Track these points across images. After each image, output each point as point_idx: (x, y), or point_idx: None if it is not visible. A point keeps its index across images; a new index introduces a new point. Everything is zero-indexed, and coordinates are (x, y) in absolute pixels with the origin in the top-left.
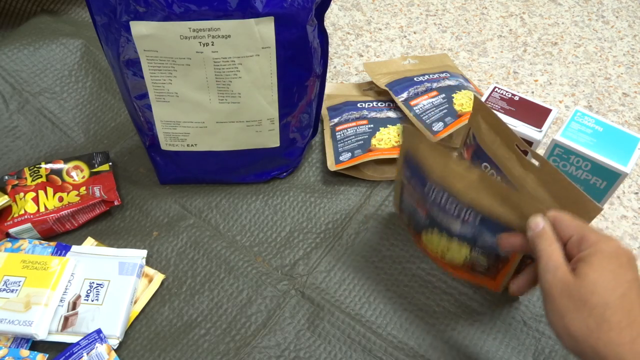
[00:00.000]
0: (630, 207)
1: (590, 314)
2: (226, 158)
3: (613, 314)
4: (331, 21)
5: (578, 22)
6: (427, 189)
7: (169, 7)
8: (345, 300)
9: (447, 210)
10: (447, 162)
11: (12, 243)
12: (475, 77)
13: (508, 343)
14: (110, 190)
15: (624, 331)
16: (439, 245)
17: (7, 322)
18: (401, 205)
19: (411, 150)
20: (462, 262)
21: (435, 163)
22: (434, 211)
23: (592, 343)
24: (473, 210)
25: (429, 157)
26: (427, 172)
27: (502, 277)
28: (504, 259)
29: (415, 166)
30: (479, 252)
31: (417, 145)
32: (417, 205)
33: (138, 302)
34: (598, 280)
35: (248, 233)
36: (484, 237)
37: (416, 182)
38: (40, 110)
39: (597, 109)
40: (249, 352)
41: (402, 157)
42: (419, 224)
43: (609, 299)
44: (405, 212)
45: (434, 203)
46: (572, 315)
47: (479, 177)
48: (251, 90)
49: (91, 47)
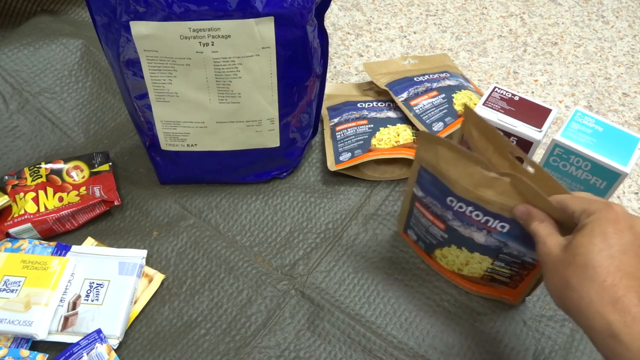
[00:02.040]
0: (630, 207)
1: (574, 274)
2: (226, 158)
3: (595, 274)
4: (331, 21)
5: (578, 22)
6: (450, 201)
7: (169, 7)
8: (345, 300)
9: (471, 222)
10: (474, 171)
11: (12, 243)
12: (475, 77)
13: (508, 343)
14: (110, 190)
15: (606, 291)
16: (457, 260)
17: (7, 322)
18: (409, 223)
19: (428, 161)
20: (482, 275)
21: (459, 173)
22: (455, 224)
23: (576, 302)
24: (502, 218)
25: (452, 167)
26: (450, 183)
27: (525, 285)
28: (529, 266)
29: (434, 178)
30: (502, 263)
31: (437, 155)
32: (434, 220)
33: (138, 302)
34: (584, 242)
35: (248, 233)
36: (510, 246)
37: (434, 196)
38: (40, 110)
39: (597, 109)
40: (249, 352)
41: (415, 175)
42: (433, 241)
43: (593, 260)
44: (414, 231)
45: (456, 215)
46: (558, 277)
47: (511, 183)
48: (251, 90)
49: (91, 47)
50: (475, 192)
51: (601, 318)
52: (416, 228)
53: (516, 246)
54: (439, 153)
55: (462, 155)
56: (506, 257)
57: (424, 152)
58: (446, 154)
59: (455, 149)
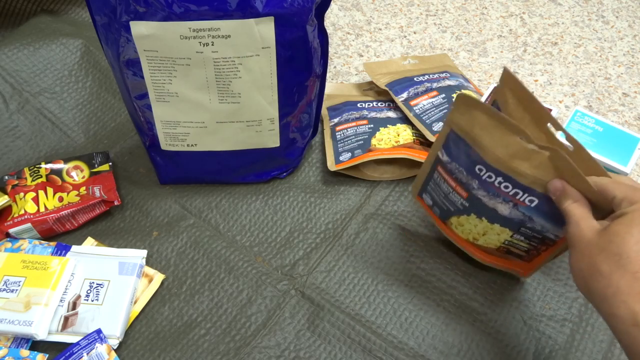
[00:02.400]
0: None
1: (605, 260)
2: (226, 158)
3: (629, 264)
4: (331, 21)
5: (578, 22)
6: (478, 170)
7: (169, 7)
8: (345, 300)
9: (498, 193)
10: (512, 141)
11: (12, 243)
12: (475, 77)
13: (508, 343)
14: (110, 190)
15: (637, 282)
16: (474, 230)
17: (7, 322)
18: (426, 187)
19: (461, 126)
20: (498, 246)
21: (495, 141)
22: (479, 193)
23: (602, 289)
24: (532, 191)
25: (487, 134)
26: (483, 150)
27: (540, 260)
28: (549, 242)
29: (463, 145)
30: (522, 237)
31: (473, 120)
32: (456, 187)
33: (138, 302)
34: (620, 231)
35: (248, 233)
36: (535, 221)
37: (461, 162)
38: (40, 110)
39: (597, 109)
40: (249, 352)
41: (443, 137)
42: (451, 208)
43: (629, 250)
44: (430, 195)
45: (482, 184)
46: (588, 261)
47: (550, 157)
48: (251, 90)
49: (91, 47)
50: (509, 163)
51: (627, 307)
52: (434, 193)
53: (541, 221)
54: (475, 118)
55: (501, 123)
56: (527, 232)
57: (458, 116)
58: (484, 120)
59: (495, 115)
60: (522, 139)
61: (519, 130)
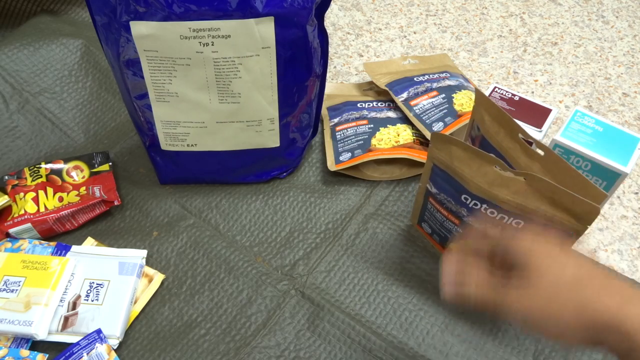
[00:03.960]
0: (630, 207)
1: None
2: (226, 158)
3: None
4: (331, 21)
5: (578, 22)
6: (464, 199)
7: (169, 7)
8: (345, 300)
9: (487, 219)
10: (489, 170)
11: (12, 243)
12: (475, 77)
13: (508, 343)
14: (110, 190)
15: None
16: None
17: (7, 322)
18: (423, 217)
19: (442, 160)
20: None
21: (474, 172)
22: (470, 220)
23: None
24: (518, 216)
25: (466, 166)
26: (464, 181)
27: None
28: None
29: (447, 177)
30: None
31: (451, 154)
32: (448, 216)
33: (138, 302)
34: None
35: (248, 233)
36: None
37: (448, 193)
38: (40, 110)
39: (597, 109)
40: (249, 352)
41: (428, 171)
42: (448, 235)
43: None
44: (428, 224)
45: (470, 212)
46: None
47: (527, 182)
48: (251, 90)
49: (91, 47)
50: (490, 190)
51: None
52: (431, 222)
53: None
54: (452, 153)
55: (475, 155)
56: None
57: (437, 152)
58: (460, 154)
59: (469, 148)
60: (497, 168)
61: (493, 160)
